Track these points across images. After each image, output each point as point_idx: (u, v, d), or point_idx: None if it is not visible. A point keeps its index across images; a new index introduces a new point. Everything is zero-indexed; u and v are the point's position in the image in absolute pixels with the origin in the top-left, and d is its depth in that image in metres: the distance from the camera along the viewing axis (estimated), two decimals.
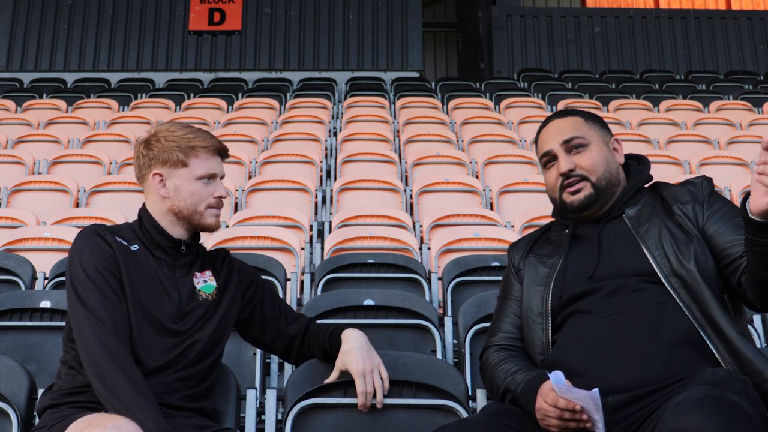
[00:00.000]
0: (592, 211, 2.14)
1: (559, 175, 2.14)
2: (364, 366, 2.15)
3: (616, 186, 2.15)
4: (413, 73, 12.47)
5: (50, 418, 1.97)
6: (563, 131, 2.17)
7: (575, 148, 2.14)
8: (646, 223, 2.07)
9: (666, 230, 2.03)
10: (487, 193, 5.95)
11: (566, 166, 2.13)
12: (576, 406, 1.80)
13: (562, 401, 1.83)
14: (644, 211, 2.10)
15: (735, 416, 1.62)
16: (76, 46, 12.59)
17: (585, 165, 2.13)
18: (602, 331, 1.95)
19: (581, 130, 2.17)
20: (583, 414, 1.80)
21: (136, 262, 2.10)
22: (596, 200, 2.12)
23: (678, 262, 1.97)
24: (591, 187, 2.11)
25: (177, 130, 2.19)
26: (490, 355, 2.16)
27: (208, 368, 2.14)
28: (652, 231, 2.04)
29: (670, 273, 1.97)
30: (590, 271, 2.05)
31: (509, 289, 2.24)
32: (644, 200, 2.13)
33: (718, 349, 1.91)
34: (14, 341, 2.93)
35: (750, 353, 1.89)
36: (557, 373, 1.83)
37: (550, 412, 1.86)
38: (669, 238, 2.01)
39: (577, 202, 2.12)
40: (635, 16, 13.57)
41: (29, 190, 5.93)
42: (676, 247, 1.99)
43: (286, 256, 4.57)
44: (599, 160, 2.13)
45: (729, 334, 1.90)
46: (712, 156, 6.92)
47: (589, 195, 2.11)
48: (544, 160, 2.20)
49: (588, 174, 2.12)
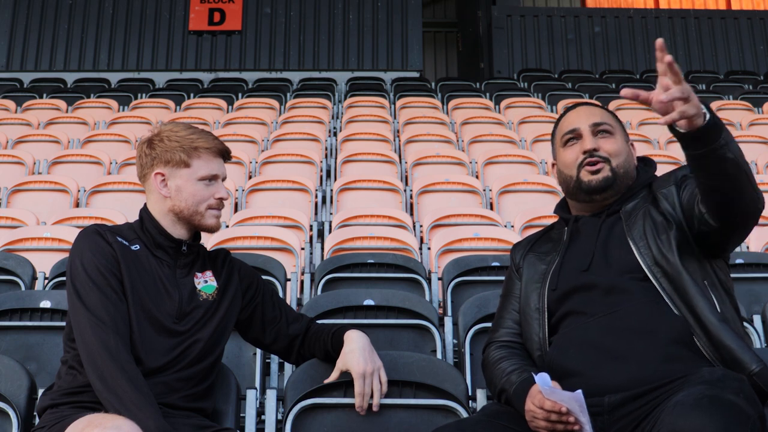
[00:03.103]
0: (605, 196, 2.15)
1: (582, 153, 2.17)
2: (365, 368, 2.16)
3: (630, 179, 2.18)
4: (413, 73, 12.47)
5: (50, 418, 1.97)
6: (594, 115, 2.22)
7: (602, 132, 2.18)
8: (634, 216, 2.09)
9: (649, 219, 2.06)
10: (487, 193, 5.96)
11: (591, 145, 2.16)
12: (562, 408, 1.81)
13: (548, 403, 1.84)
14: (637, 205, 2.13)
15: (733, 416, 1.63)
16: (76, 46, 12.59)
17: (609, 149, 2.16)
18: (598, 332, 1.96)
19: (610, 119, 2.22)
20: (570, 416, 1.81)
21: (137, 262, 2.10)
22: (612, 185, 2.14)
23: (659, 251, 1.99)
24: (610, 170, 2.14)
25: (180, 130, 2.19)
26: (491, 352, 2.18)
27: (208, 368, 2.14)
28: (638, 223, 2.07)
29: (652, 263, 1.99)
30: (586, 264, 2.06)
31: (511, 287, 2.26)
32: (641, 196, 2.16)
33: (701, 340, 1.91)
34: (14, 341, 2.94)
35: (729, 341, 1.88)
36: (543, 375, 1.84)
37: (537, 414, 1.88)
38: (651, 228, 2.03)
39: (596, 182, 2.14)
40: (635, 16, 13.57)
41: (29, 190, 5.93)
42: (657, 237, 2.01)
43: (286, 256, 4.57)
44: (621, 150, 2.18)
45: (708, 321, 1.90)
46: None
47: (607, 177, 2.14)
48: (566, 137, 2.21)
49: (611, 157, 2.15)
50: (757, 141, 7.63)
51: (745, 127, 8.41)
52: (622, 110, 8.91)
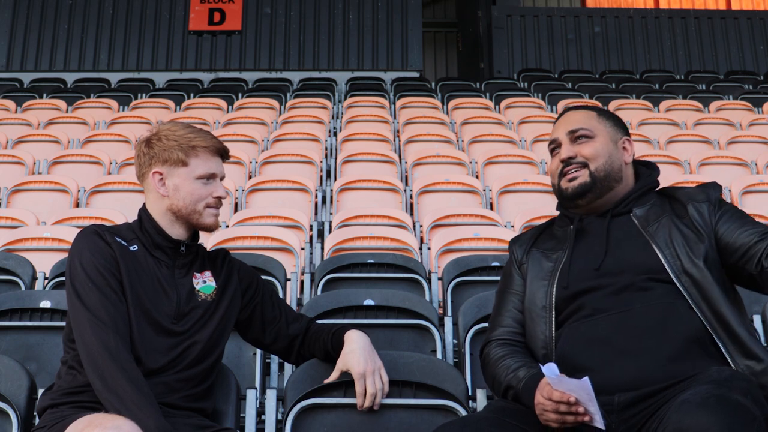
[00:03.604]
0: (587, 200, 2.15)
1: (560, 162, 2.19)
2: (366, 367, 2.15)
3: (615, 182, 2.17)
4: (413, 73, 12.47)
5: (50, 418, 1.97)
6: (571, 122, 2.23)
7: (579, 138, 2.19)
8: (655, 223, 2.09)
9: (676, 230, 2.06)
10: (487, 193, 5.96)
11: (567, 153, 2.18)
12: (570, 398, 1.80)
13: (557, 394, 1.83)
14: (652, 212, 2.13)
15: (739, 416, 1.63)
16: (76, 46, 12.59)
17: (586, 153, 2.17)
18: (609, 329, 1.96)
19: (589, 123, 2.22)
20: (579, 406, 1.80)
21: (136, 263, 2.10)
22: (591, 189, 2.14)
23: (689, 261, 1.99)
24: (588, 176, 2.15)
25: (178, 129, 2.19)
26: (491, 350, 2.16)
27: (208, 369, 2.14)
28: (661, 230, 2.07)
29: (680, 271, 1.99)
30: (597, 263, 2.06)
31: (510, 282, 2.25)
32: (652, 202, 2.16)
33: (727, 348, 1.92)
34: (14, 341, 2.93)
35: (762, 353, 1.91)
36: (550, 365, 1.82)
37: (546, 406, 1.86)
38: (680, 238, 2.04)
39: (571, 189, 2.16)
40: (635, 16, 13.57)
41: (29, 190, 5.93)
42: (687, 247, 2.02)
43: (286, 256, 4.57)
44: (601, 152, 2.17)
45: (740, 333, 1.93)
46: (712, 156, 6.92)
47: (583, 183, 2.15)
48: (551, 147, 2.26)
49: (589, 161, 2.16)
50: (757, 141, 7.63)
51: (745, 127, 8.40)
52: (622, 110, 8.92)
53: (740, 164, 6.78)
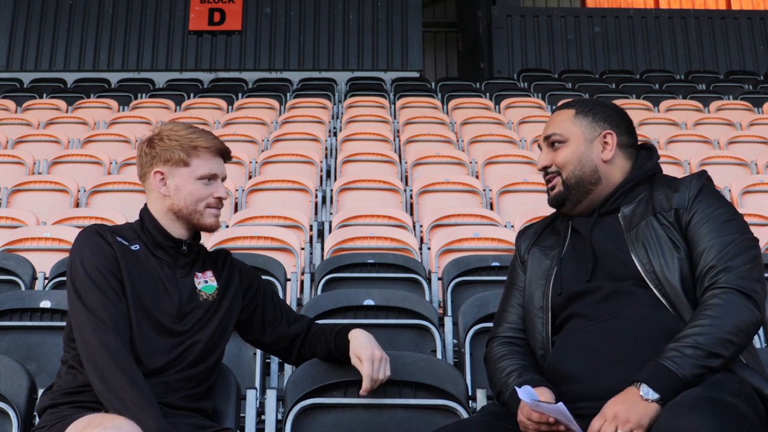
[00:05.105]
0: (568, 208, 2.14)
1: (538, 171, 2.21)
2: (374, 352, 2.16)
3: (591, 185, 2.11)
4: (413, 73, 12.47)
5: (50, 418, 1.97)
6: (549, 126, 2.21)
7: (554, 143, 2.17)
8: (637, 226, 2.03)
9: (654, 236, 2.00)
10: (487, 193, 5.96)
11: (542, 163, 2.18)
12: (550, 418, 1.82)
13: (536, 415, 1.85)
14: (638, 210, 2.07)
15: (731, 417, 1.63)
16: (76, 46, 12.59)
17: (559, 161, 2.14)
18: (598, 337, 1.95)
19: (562, 127, 2.17)
20: (560, 425, 1.82)
21: (137, 262, 2.10)
22: (566, 198, 2.12)
23: (662, 271, 1.95)
24: (561, 184, 2.13)
25: (180, 129, 2.19)
26: (494, 348, 2.16)
27: (209, 369, 2.14)
28: (640, 234, 2.01)
29: (655, 281, 1.96)
30: (587, 271, 2.04)
31: (515, 278, 2.24)
32: (641, 197, 2.09)
33: None
34: (14, 341, 2.94)
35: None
36: (527, 387, 1.85)
37: (528, 426, 1.88)
38: (655, 246, 1.98)
39: (550, 199, 2.17)
40: (635, 16, 13.57)
41: (29, 190, 5.93)
42: (662, 258, 1.97)
43: (286, 256, 4.57)
44: (571, 158, 2.12)
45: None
46: (712, 156, 6.92)
47: (558, 192, 2.14)
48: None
49: (561, 169, 2.14)
50: (757, 141, 7.63)
51: (745, 127, 8.40)
52: None
53: (740, 164, 6.78)
